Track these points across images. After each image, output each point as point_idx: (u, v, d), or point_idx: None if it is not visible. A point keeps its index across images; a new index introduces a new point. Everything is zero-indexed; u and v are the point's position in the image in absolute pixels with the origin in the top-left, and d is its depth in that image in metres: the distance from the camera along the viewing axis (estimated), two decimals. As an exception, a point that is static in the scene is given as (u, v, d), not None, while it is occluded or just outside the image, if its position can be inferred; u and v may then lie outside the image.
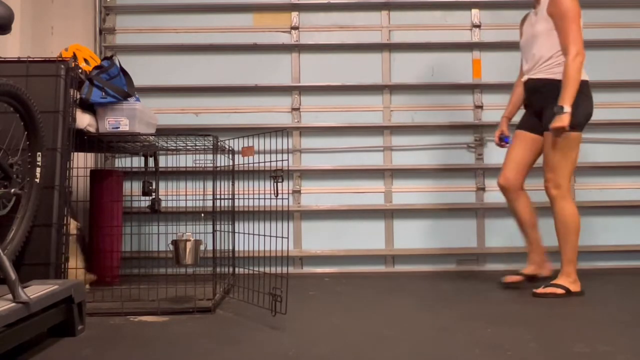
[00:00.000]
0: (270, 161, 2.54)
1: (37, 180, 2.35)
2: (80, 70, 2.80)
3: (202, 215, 3.53)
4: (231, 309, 2.72)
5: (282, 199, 2.40)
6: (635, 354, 1.95)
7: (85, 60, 3.05)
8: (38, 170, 2.35)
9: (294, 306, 2.64)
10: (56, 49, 3.50)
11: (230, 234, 3.36)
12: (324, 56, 4.19)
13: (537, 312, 2.65)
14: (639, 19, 4.17)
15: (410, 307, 2.81)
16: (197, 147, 3.30)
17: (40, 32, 3.60)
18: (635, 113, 4.13)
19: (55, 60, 2.70)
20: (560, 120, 2.91)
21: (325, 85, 4.15)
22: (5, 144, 2.19)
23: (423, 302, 2.94)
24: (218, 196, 2.92)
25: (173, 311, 2.62)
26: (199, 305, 2.68)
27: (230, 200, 3.34)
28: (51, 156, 2.52)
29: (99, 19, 4.10)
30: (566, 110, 2.90)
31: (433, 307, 2.81)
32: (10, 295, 1.88)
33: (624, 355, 1.93)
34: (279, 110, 4.16)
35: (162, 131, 3.36)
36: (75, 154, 2.81)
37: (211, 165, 2.91)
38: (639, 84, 4.12)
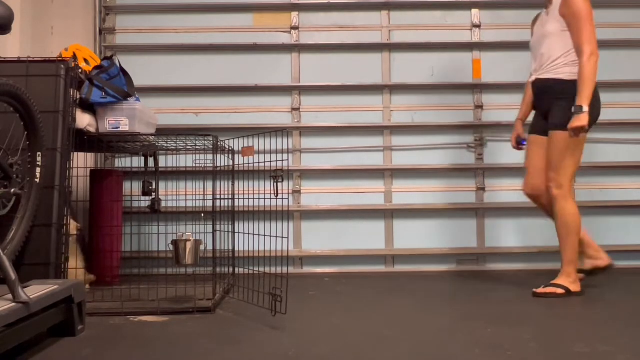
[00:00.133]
0: (270, 161, 2.54)
1: (37, 180, 2.35)
2: (80, 70, 2.80)
3: (202, 215, 3.53)
4: (231, 309, 2.72)
5: (282, 199, 2.40)
6: (635, 354, 1.95)
7: (85, 60, 3.05)
8: (38, 170, 2.35)
9: (294, 306, 2.63)
10: (56, 49, 3.51)
11: (230, 234, 3.36)
12: (324, 56, 4.19)
13: (537, 312, 2.65)
14: (639, 19, 4.17)
15: (410, 307, 2.81)
16: (197, 147, 3.30)
17: (40, 32, 3.60)
18: (636, 113, 4.13)
19: (55, 60, 2.70)
20: (579, 120, 2.89)
21: (325, 85, 4.15)
22: (5, 144, 2.19)
23: (423, 302, 2.94)
24: (218, 196, 2.92)
25: (173, 311, 2.62)
26: (199, 305, 2.68)
27: (230, 200, 3.34)
28: (51, 156, 2.52)
29: (99, 19, 4.10)
30: (585, 109, 2.88)
31: (433, 307, 2.81)
32: (10, 295, 1.88)
33: (624, 355, 1.93)
34: (279, 110, 4.16)
35: (162, 131, 3.36)
36: (75, 154, 2.81)
37: (211, 165, 2.91)
38: (639, 84, 4.13)
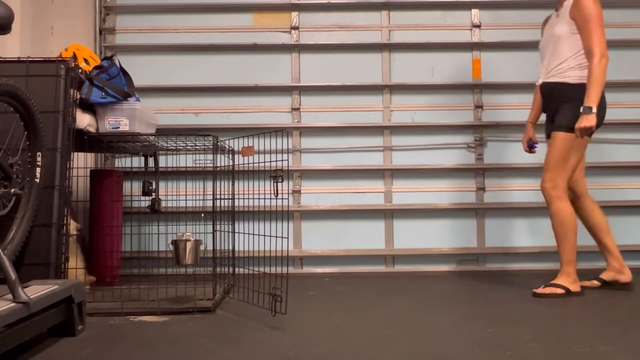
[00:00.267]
0: (270, 161, 2.54)
1: (37, 180, 2.35)
2: (80, 70, 2.80)
3: (202, 215, 3.53)
4: (231, 309, 2.72)
5: (282, 199, 2.40)
6: (635, 354, 1.95)
7: (85, 60, 3.05)
8: (38, 170, 2.35)
9: (294, 306, 2.64)
10: (56, 49, 3.51)
11: (230, 234, 3.36)
12: (324, 56, 4.18)
13: (537, 312, 2.65)
14: (639, 19, 4.17)
15: (410, 307, 2.81)
16: (197, 147, 3.30)
17: (40, 32, 3.60)
18: (636, 113, 4.13)
19: (55, 60, 2.70)
20: (587, 120, 2.88)
21: (325, 85, 4.14)
22: (5, 144, 2.19)
23: (423, 302, 2.94)
24: (218, 196, 2.92)
25: (173, 311, 2.62)
26: (199, 305, 2.68)
27: (230, 200, 3.34)
28: (51, 156, 2.52)
29: (99, 19, 4.10)
30: (594, 110, 2.88)
31: (433, 307, 2.81)
32: (10, 295, 1.88)
33: (624, 355, 1.93)
34: (279, 110, 4.16)
35: (162, 131, 3.37)
36: (75, 154, 2.81)
37: (211, 165, 2.91)
38: (639, 84, 4.13)
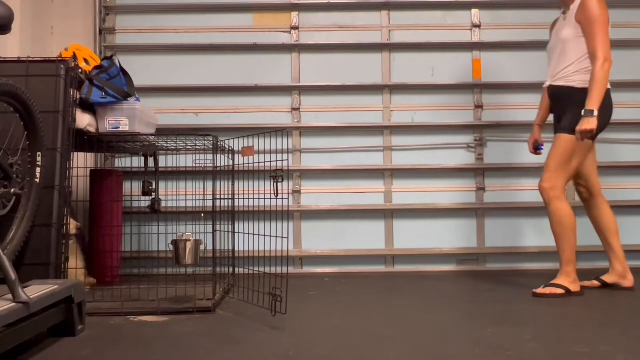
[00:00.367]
0: (270, 161, 2.54)
1: (37, 180, 2.35)
2: (80, 70, 2.80)
3: (202, 215, 3.53)
4: (231, 309, 2.72)
5: (282, 199, 2.40)
6: (635, 354, 1.95)
7: (85, 60, 3.05)
8: (38, 170, 2.35)
9: (294, 306, 2.64)
10: (56, 49, 3.51)
11: (230, 234, 3.36)
12: (324, 56, 4.18)
13: (537, 312, 2.65)
14: (639, 19, 4.17)
15: (411, 307, 2.81)
16: (197, 147, 3.30)
17: (40, 32, 3.60)
18: (636, 113, 4.13)
19: (55, 60, 2.70)
20: (588, 123, 2.88)
21: (325, 85, 4.14)
22: (5, 144, 2.19)
23: (423, 302, 2.94)
24: (218, 196, 2.92)
25: (173, 311, 2.62)
26: (199, 305, 2.68)
27: (230, 200, 3.34)
28: (51, 156, 2.52)
29: (99, 19, 4.10)
30: (595, 114, 2.88)
31: (433, 307, 2.81)
32: (10, 295, 1.88)
33: (624, 355, 1.93)
34: (279, 110, 4.16)
35: (162, 131, 3.37)
36: (75, 154, 2.81)
37: (211, 165, 2.91)
38: (639, 84, 4.13)
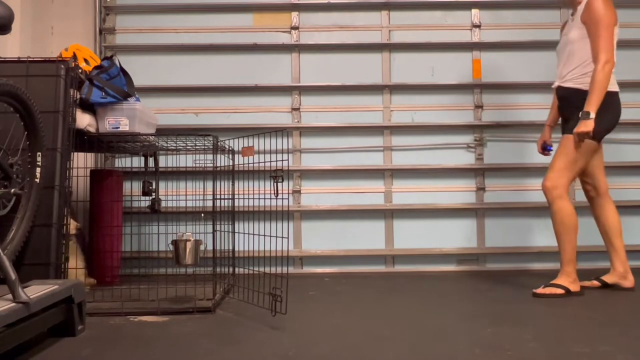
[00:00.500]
0: (270, 161, 2.54)
1: (37, 180, 2.35)
2: (80, 70, 2.80)
3: (202, 215, 3.54)
4: (231, 309, 2.72)
5: (282, 199, 2.40)
6: (635, 354, 1.95)
7: (85, 60, 3.05)
8: (38, 170, 2.35)
9: (294, 306, 2.64)
10: (56, 49, 3.51)
11: (230, 234, 3.36)
12: (324, 56, 4.18)
13: (537, 312, 2.65)
14: (639, 19, 4.17)
15: (410, 307, 2.81)
16: (197, 147, 3.30)
17: (40, 32, 3.60)
18: (636, 113, 4.13)
19: (55, 60, 2.70)
20: (585, 126, 2.90)
21: (325, 85, 4.14)
22: (5, 144, 2.19)
23: (423, 302, 2.94)
24: (218, 196, 2.92)
25: (173, 311, 2.62)
26: (199, 305, 2.68)
27: (230, 200, 3.34)
28: (51, 156, 2.52)
29: (99, 19, 4.10)
30: (592, 116, 2.89)
31: (433, 307, 2.81)
32: (10, 295, 1.88)
33: (624, 355, 1.93)
34: (279, 110, 4.16)
35: (162, 131, 3.37)
36: (75, 154, 2.81)
37: (211, 165, 2.91)
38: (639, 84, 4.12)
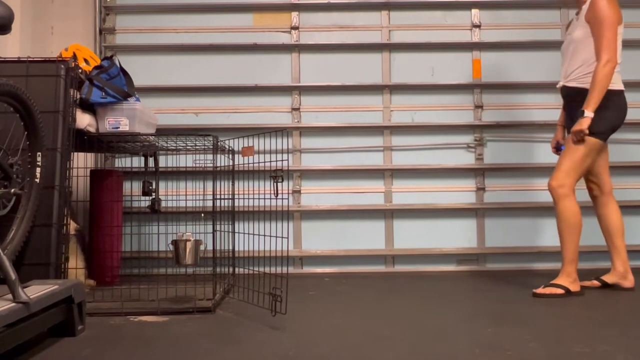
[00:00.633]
0: (270, 161, 2.54)
1: (37, 180, 2.35)
2: (80, 70, 2.80)
3: (202, 215, 3.54)
4: (231, 309, 2.72)
5: (282, 199, 2.40)
6: (635, 354, 1.95)
7: (85, 60, 3.06)
8: (38, 170, 2.35)
9: (294, 306, 2.64)
10: (56, 49, 3.51)
11: (230, 234, 3.36)
12: (324, 56, 4.18)
13: (537, 312, 2.65)
14: (639, 19, 4.17)
15: (410, 307, 2.81)
16: (197, 147, 3.30)
17: (40, 32, 3.60)
18: (636, 113, 4.12)
19: (55, 60, 2.70)
20: (579, 124, 2.91)
21: (325, 85, 4.14)
22: (5, 144, 2.19)
23: (423, 302, 2.94)
24: (218, 196, 2.92)
25: (173, 311, 2.62)
26: (199, 305, 2.68)
27: (230, 200, 3.34)
28: (51, 156, 2.52)
29: (99, 19, 4.10)
30: (587, 115, 2.89)
31: (433, 307, 2.81)
32: (10, 295, 1.88)
33: (624, 355, 1.93)
34: (279, 110, 4.16)
35: (162, 131, 3.37)
36: (75, 154, 2.82)
37: (211, 165, 2.91)
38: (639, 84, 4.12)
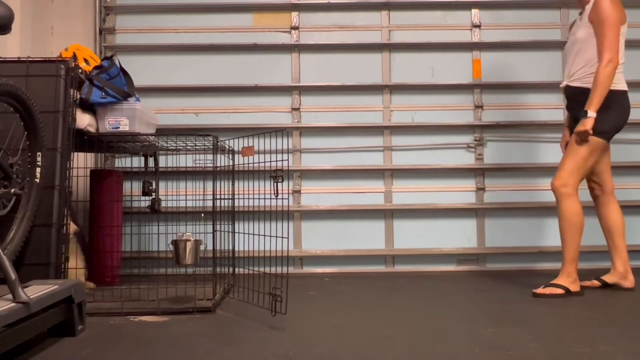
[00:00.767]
0: (270, 161, 2.54)
1: (37, 180, 2.35)
2: (80, 70, 2.80)
3: (202, 215, 3.54)
4: (231, 309, 2.72)
5: (282, 199, 2.40)
6: (635, 354, 1.95)
7: (85, 60, 3.06)
8: (38, 170, 2.35)
9: (294, 306, 2.64)
10: (56, 49, 3.51)
11: (230, 234, 3.36)
12: (324, 56, 4.18)
13: (537, 312, 2.65)
14: (639, 19, 4.16)
15: (410, 307, 2.81)
16: (197, 147, 3.30)
17: (40, 32, 3.60)
18: (636, 113, 4.11)
19: (55, 60, 2.70)
20: (583, 125, 2.91)
21: (325, 85, 4.14)
22: (5, 144, 2.19)
23: (423, 302, 2.94)
24: (218, 196, 2.92)
25: (173, 311, 2.62)
26: (199, 305, 2.68)
27: (230, 200, 3.34)
28: (51, 156, 2.52)
29: (99, 19, 4.10)
30: (590, 115, 2.89)
31: (433, 307, 2.81)
32: (10, 295, 1.88)
33: (624, 355, 1.93)
34: (279, 110, 4.16)
35: (162, 131, 3.37)
36: (75, 154, 2.81)
37: (211, 165, 2.91)
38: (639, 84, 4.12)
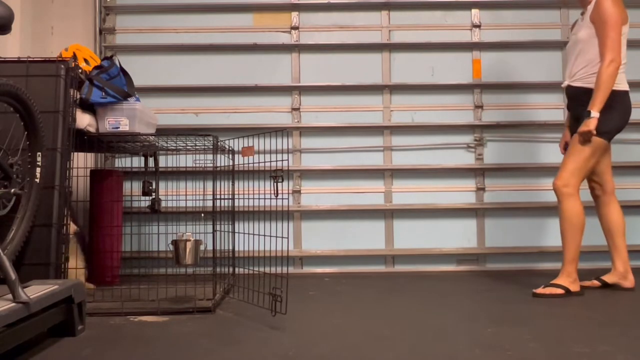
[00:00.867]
0: (270, 161, 2.54)
1: (37, 180, 2.35)
2: (80, 70, 2.80)
3: (202, 215, 3.54)
4: (231, 309, 2.72)
5: (282, 199, 2.40)
6: (635, 354, 1.95)
7: (85, 60, 3.06)
8: (38, 170, 2.35)
9: (294, 306, 2.64)
10: (56, 49, 3.51)
11: (230, 234, 3.36)
12: (324, 56, 4.18)
13: (537, 312, 2.65)
14: (638, 19, 4.16)
15: (410, 307, 2.81)
16: (197, 147, 3.30)
17: (40, 32, 3.60)
18: (636, 113, 4.11)
19: (55, 60, 2.70)
20: (586, 125, 2.91)
21: (325, 85, 4.14)
22: (5, 144, 2.19)
23: (423, 302, 2.94)
24: (218, 196, 2.92)
25: (173, 311, 2.62)
26: (199, 305, 2.68)
27: (230, 200, 3.34)
28: (51, 156, 2.52)
29: (99, 19, 4.10)
30: (593, 115, 2.90)
31: (433, 307, 2.81)
32: (10, 295, 1.88)
33: (624, 355, 1.93)
34: (279, 110, 4.16)
35: (162, 131, 3.37)
36: (75, 154, 2.81)
37: (211, 165, 2.91)
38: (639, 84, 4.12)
